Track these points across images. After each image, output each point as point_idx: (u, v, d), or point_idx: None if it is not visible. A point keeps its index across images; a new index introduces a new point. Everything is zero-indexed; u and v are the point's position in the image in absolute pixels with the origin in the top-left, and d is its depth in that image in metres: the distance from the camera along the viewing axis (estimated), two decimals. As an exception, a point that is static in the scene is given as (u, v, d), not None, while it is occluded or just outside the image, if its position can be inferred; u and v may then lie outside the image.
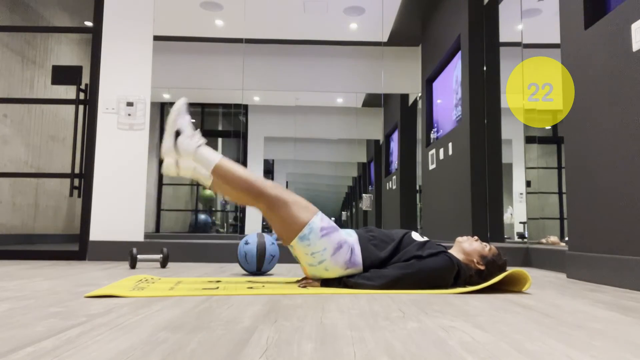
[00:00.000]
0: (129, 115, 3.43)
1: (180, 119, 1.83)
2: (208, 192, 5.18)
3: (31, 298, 1.53)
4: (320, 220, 1.80)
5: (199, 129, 1.88)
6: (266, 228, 5.10)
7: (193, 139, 1.83)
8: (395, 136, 5.09)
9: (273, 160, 5.19)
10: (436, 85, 4.80)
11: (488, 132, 3.71)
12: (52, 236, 5.84)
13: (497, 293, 1.75)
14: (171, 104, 5.17)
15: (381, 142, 5.12)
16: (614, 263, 2.00)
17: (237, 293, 1.67)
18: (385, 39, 4.98)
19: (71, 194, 3.31)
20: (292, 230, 1.79)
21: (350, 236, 1.87)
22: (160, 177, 5.04)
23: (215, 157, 1.83)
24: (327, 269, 1.81)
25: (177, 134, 1.82)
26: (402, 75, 5.03)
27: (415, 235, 1.92)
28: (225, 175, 1.81)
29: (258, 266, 2.42)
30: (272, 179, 5.19)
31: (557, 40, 2.61)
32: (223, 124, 5.27)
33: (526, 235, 3.36)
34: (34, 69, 5.51)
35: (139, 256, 2.76)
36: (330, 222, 1.84)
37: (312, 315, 1.27)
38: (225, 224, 5.12)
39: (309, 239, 1.78)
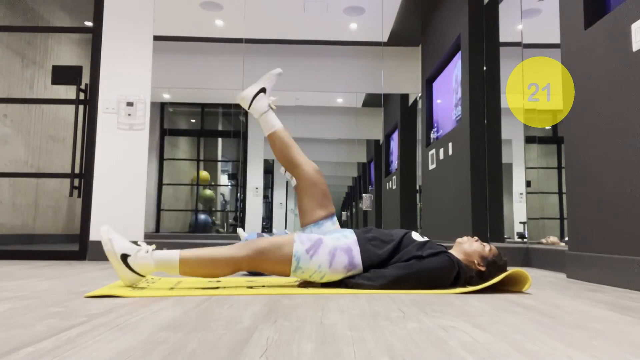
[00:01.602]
0: (129, 115, 3.43)
1: (116, 245, 1.71)
2: (208, 192, 5.18)
3: (31, 298, 1.53)
4: (301, 245, 1.78)
5: (143, 242, 1.78)
6: (266, 228, 5.10)
7: (140, 252, 1.71)
8: (395, 136, 5.09)
9: (273, 161, 5.19)
10: (436, 85, 4.80)
11: (488, 132, 3.71)
12: (52, 236, 5.84)
13: (497, 293, 1.75)
14: (171, 104, 5.17)
15: (381, 142, 5.12)
16: (614, 263, 2.00)
17: (237, 293, 1.67)
18: (385, 39, 4.98)
19: (71, 194, 3.31)
20: (284, 269, 1.78)
21: (346, 238, 1.86)
22: (160, 177, 5.04)
23: (173, 254, 1.73)
24: (331, 279, 1.82)
25: (124, 258, 1.70)
26: (402, 75, 5.03)
27: (415, 235, 1.92)
28: (193, 265, 1.73)
29: (258, 266, 2.42)
30: (272, 179, 5.19)
31: (557, 40, 2.61)
32: (223, 124, 5.27)
33: (526, 235, 3.36)
34: (34, 69, 5.52)
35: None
36: (311, 238, 1.80)
37: (312, 315, 1.27)
38: (225, 224, 5.13)
39: (301, 267, 1.77)
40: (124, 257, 1.70)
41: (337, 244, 1.81)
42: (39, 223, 5.60)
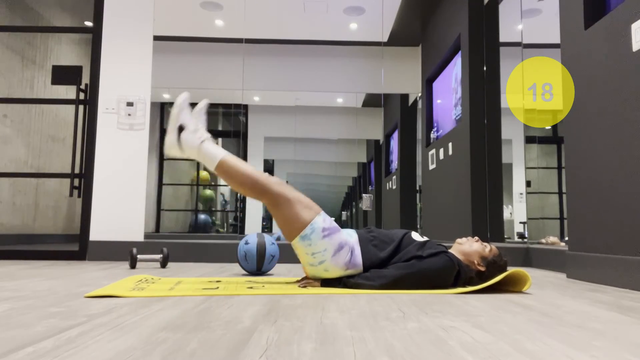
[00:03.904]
0: (129, 115, 3.43)
1: (182, 114, 1.80)
2: (208, 192, 5.18)
3: (31, 298, 1.53)
4: (322, 221, 1.81)
5: (203, 128, 1.85)
6: (266, 228, 5.10)
7: (196, 134, 1.81)
8: (395, 136, 5.09)
9: (273, 160, 5.19)
10: (436, 85, 4.80)
11: (488, 132, 3.71)
12: (52, 236, 5.84)
13: (497, 293, 1.75)
14: (171, 104, 5.17)
15: (381, 142, 5.12)
16: (614, 263, 2.00)
17: (237, 293, 1.67)
18: (385, 39, 4.97)
19: (71, 194, 3.31)
20: (294, 229, 1.79)
21: (350, 237, 1.87)
22: (161, 177, 5.04)
23: (219, 153, 1.81)
24: (327, 269, 1.81)
25: (180, 129, 1.79)
26: (402, 75, 5.03)
27: (415, 235, 1.92)
28: (229, 171, 1.81)
29: (258, 266, 2.42)
30: (272, 179, 5.19)
31: (557, 40, 2.61)
32: (223, 124, 5.27)
33: (526, 235, 3.36)
34: (34, 69, 5.51)
35: (139, 256, 2.76)
36: (332, 223, 1.84)
37: (312, 315, 1.27)
38: (225, 224, 5.12)
39: (310, 238, 1.78)
40: (180, 129, 1.79)
41: (348, 241, 1.82)
42: (39, 223, 5.60)
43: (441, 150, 4.42)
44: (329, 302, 1.49)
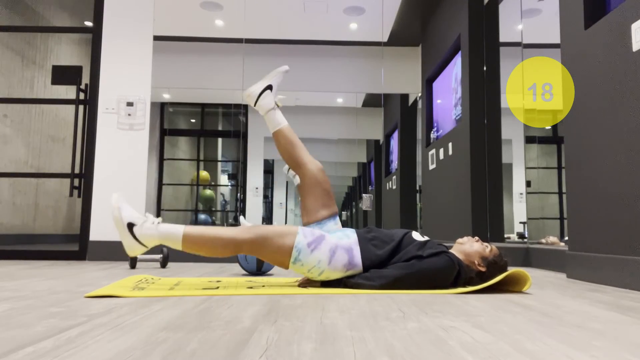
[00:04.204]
0: (129, 115, 3.43)
1: (124, 212, 1.74)
2: (208, 192, 5.18)
3: (31, 298, 1.53)
4: (304, 237, 1.79)
5: (146, 212, 1.80)
6: (266, 228, 5.09)
7: (147, 222, 1.74)
8: (395, 136, 5.09)
9: (273, 160, 5.19)
10: (436, 85, 4.80)
11: (488, 132, 3.71)
12: (52, 236, 5.84)
13: (497, 293, 1.75)
14: (171, 103, 5.17)
15: (381, 142, 5.12)
16: (614, 263, 2.00)
17: (237, 293, 1.67)
18: (385, 39, 4.97)
19: (71, 194, 3.31)
20: (283, 259, 1.79)
21: (348, 237, 1.86)
22: (161, 177, 5.04)
23: (178, 229, 1.75)
24: (329, 276, 1.82)
25: (130, 226, 1.73)
26: (402, 75, 5.03)
27: (416, 235, 1.92)
28: (196, 241, 1.75)
29: (258, 266, 2.42)
30: (272, 179, 5.19)
31: (557, 40, 2.61)
32: (223, 124, 5.27)
33: (526, 235, 3.36)
34: (34, 69, 5.51)
35: (139, 256, 2.76)
36: (314, 233, 1.81)
37: (312, 315, 1.27)
38: (225, 224, 5.12)
39: (300, 260, 1.77)
40: (130, 226, 1.72)
41: (338, 243, 1.82)
42: (39, 223, 5.60)
43: (441, 150, 4.42)
44: (329, 302, 1.49)
